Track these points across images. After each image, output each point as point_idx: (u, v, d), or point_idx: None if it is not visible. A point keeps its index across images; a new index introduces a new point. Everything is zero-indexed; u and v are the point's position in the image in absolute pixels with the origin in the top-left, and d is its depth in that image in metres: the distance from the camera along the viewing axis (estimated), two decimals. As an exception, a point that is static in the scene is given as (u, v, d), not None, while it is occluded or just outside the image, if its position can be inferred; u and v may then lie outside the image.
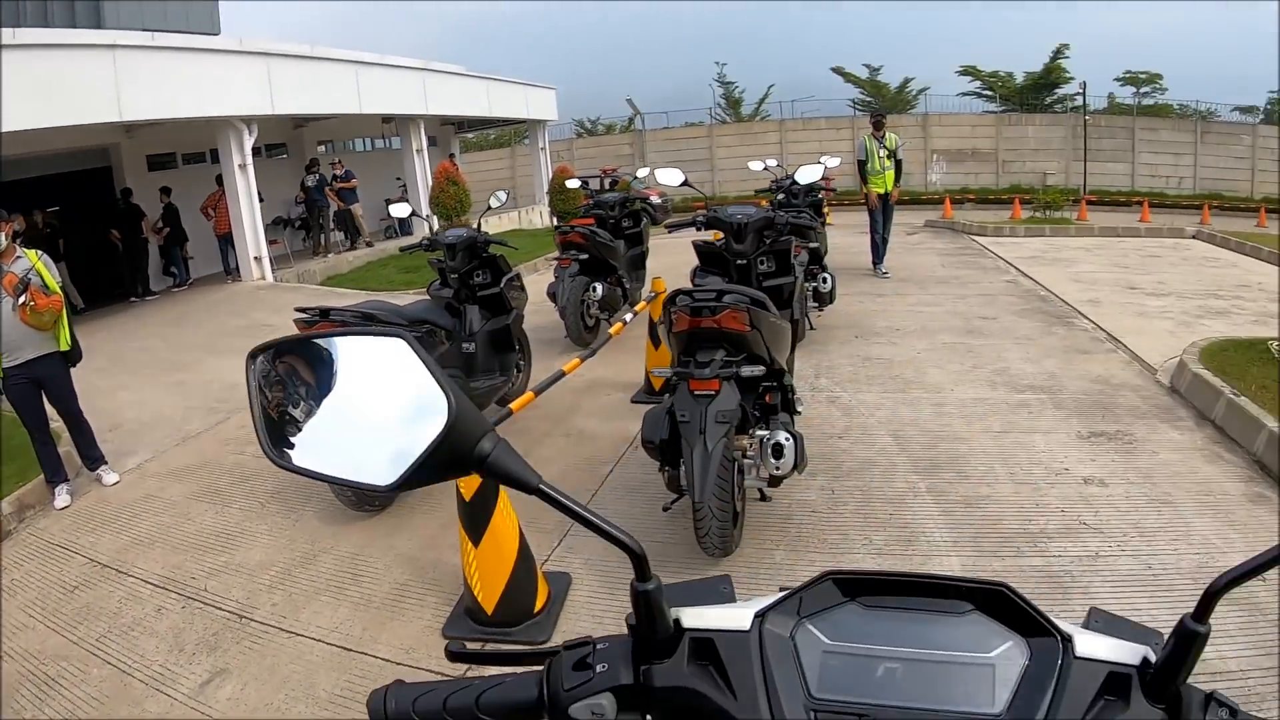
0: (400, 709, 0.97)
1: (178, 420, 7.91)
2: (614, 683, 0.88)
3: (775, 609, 0.90)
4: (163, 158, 17.17)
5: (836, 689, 0.82)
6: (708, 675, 0.86)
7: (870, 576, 0.90)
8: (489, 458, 0.88)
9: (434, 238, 6.65)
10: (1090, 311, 9.58)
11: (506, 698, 0.93)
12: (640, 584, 0.89)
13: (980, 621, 0.86)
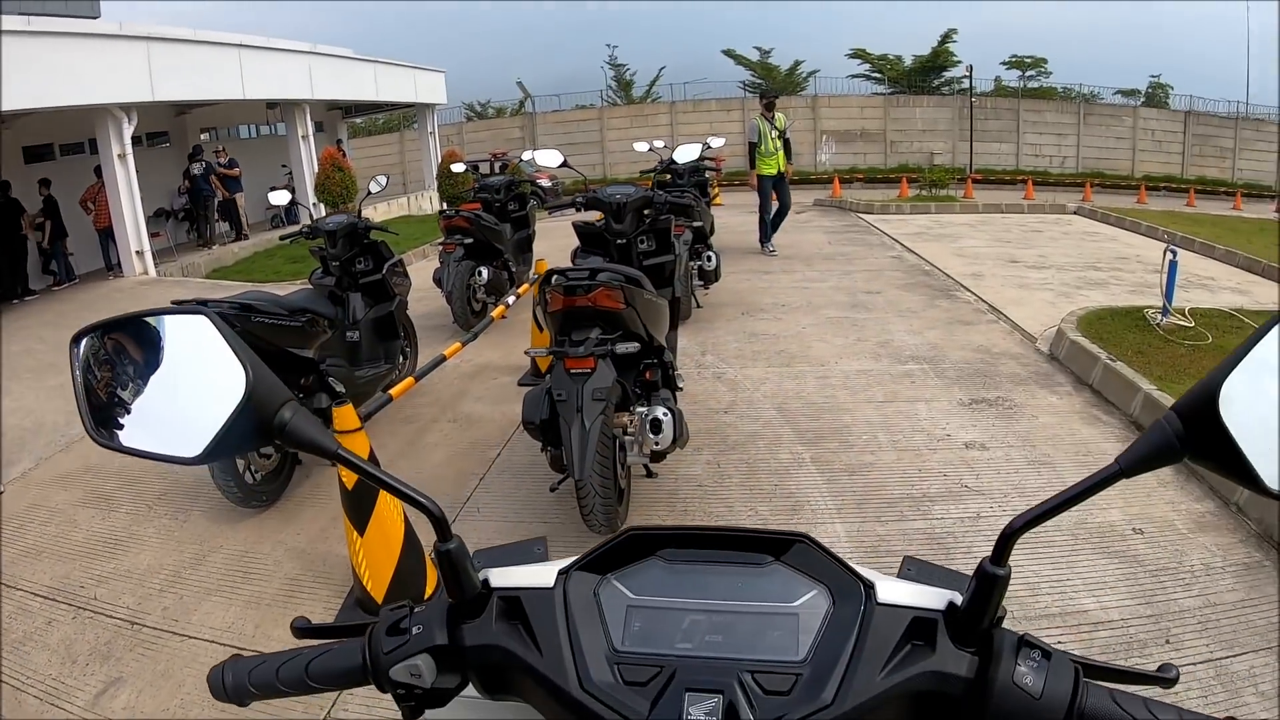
0: (237, 681, 0.98)
1: (61, 425, 7.64)
2: (429, 644, 0.88)
3: (579, 566, 0.91)
4: (40, 149, 16.38)
5: (640, 641, 0.84)
6: (516, 632, 0.88)
7: (671, 531, 0.92)
8: (287, 425, 0.89)
9: (314, 225, 6.55)
10: (973, 284, 9.86)
11: (333, 665, 0.94)
12: (441, 544, 0.90)
13: (782, 572, 0.88)
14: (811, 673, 0.80)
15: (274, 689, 0.97)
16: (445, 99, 26.60)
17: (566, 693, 0.81)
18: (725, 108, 30.47)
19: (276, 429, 0.89)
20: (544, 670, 0.84)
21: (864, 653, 0.80)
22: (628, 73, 35.96)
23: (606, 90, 35.09)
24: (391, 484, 0.92)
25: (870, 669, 0.79)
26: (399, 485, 0.92)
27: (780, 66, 34.39)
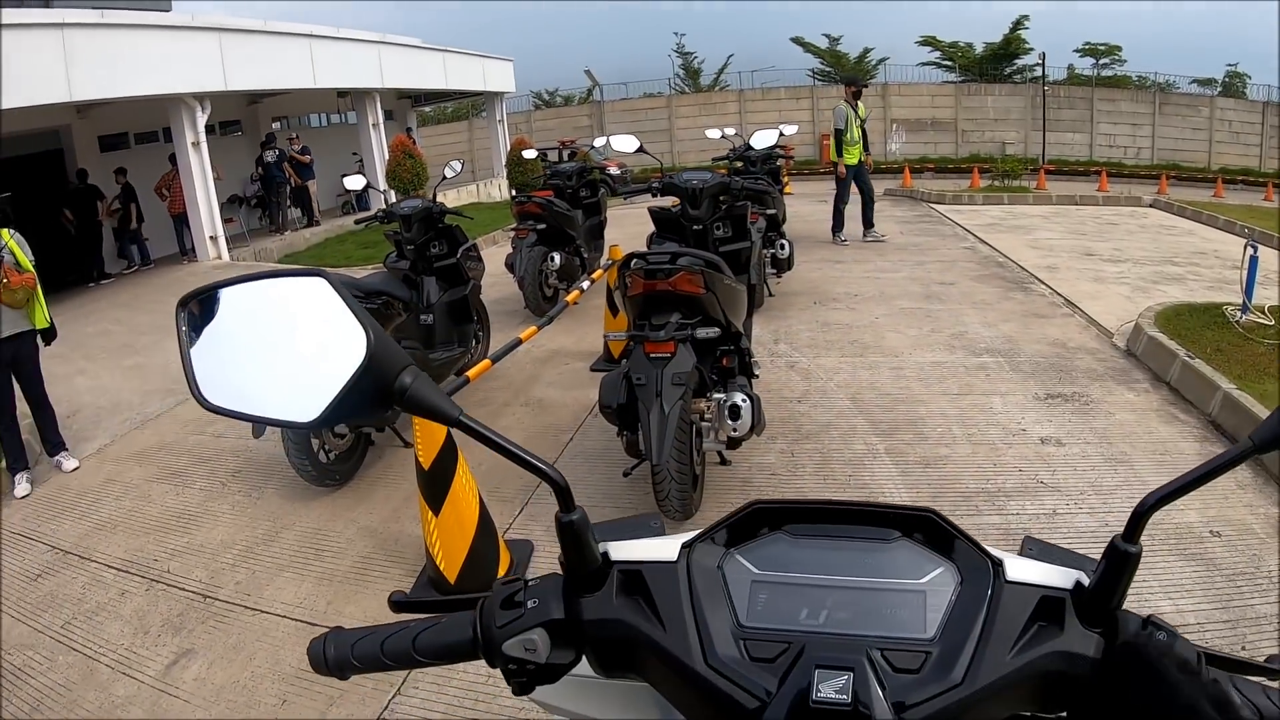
0: (339, 654, 0.97)
1: (136, 404, 7.83)
2: (545, 618, 0.87)
3: (702, 540, 0.89)
4: (115, 138, 16.79)
5: (765, 618, 0.82)
6: (637, 607, 0.86)
7: (797, 505, 0.90)
8: (408, 390, 0.88)
9: (389, 210, 6.59)
10: (1047, 277, 9.66)
11: (441, 638, 0.93)
12: (564, 515, 0.88)
13: (909, 548, 0.86)
14: (941, 651, 0.77)
15: (378, 662, 0.96)
16: (514, 87, 26.76)
17: (691, 668, 0.79)
18: (794, 95, 30.24)
19: (397, 393, 0.88)
20: (667, 645, 0.82)
21: (993, 631, 0.78)
22: (695, 61, 35.87)
23: (674, 78, 35.08)
24: (515, 452, 0.90)
25: (999, 648, 0.77)
26: (522, 454, 0.91)
27: (849, 54, 34.00)
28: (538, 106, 35.09)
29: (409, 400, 0.88)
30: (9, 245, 5.89)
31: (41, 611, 4.54)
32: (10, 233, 5.99)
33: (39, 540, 5.40)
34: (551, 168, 9.93)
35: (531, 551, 4.45)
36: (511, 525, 4.77)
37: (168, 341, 9.71)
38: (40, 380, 6.25)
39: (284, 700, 3.55)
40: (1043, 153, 26.28)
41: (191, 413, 7.38)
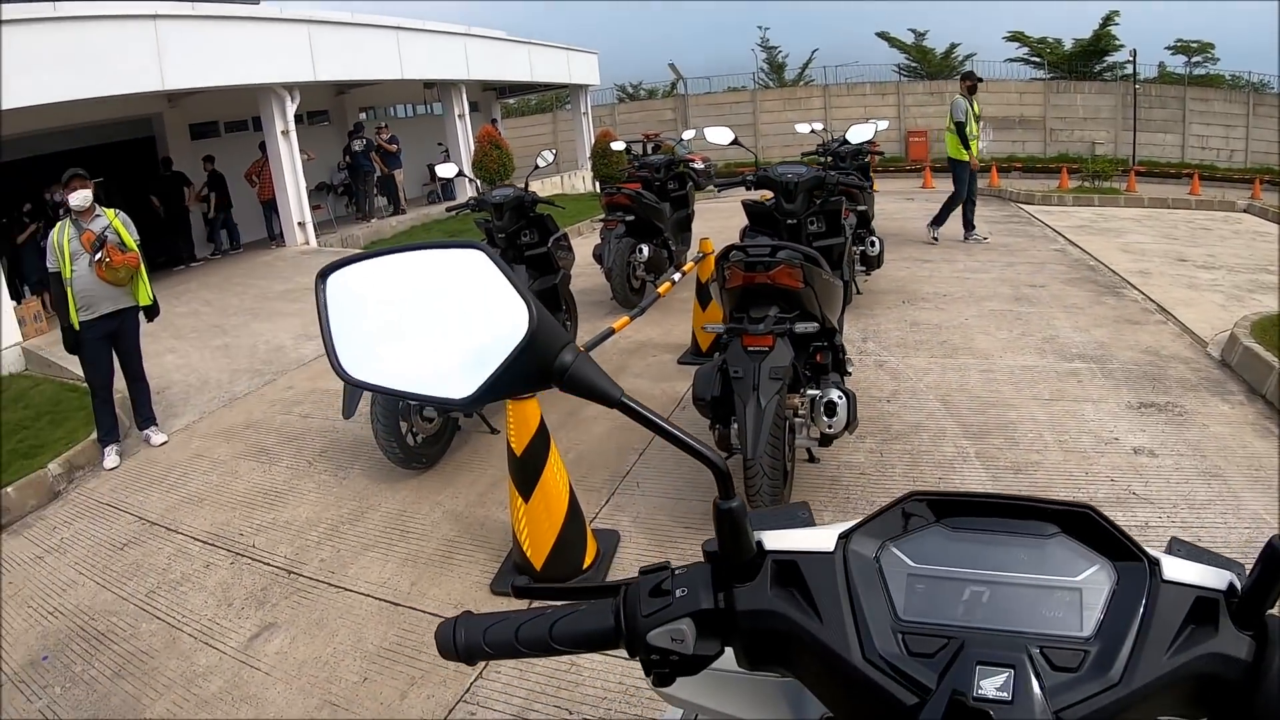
0: (470, 640, 0.96)
1: (224, 382, 8.02)
2: (694, 608, 0.85)
3: (859, 530, 0.87)
4: (205, 126, 17.27)
5: (923, 612, 0.80)
6: (792, 598, 0.84)
7: (955, 497, 0.88)
8: (569, 369, 0.86)
9: (481, 197, 6.63)
10: (1140, 282, 9.41)
11: (581, 626, 0.91)
12: (723, 502, 0.86)
13: (1067, 544, 0.83)
14: (1099, 650, 0.76)
15: (511, 649, 0.95)
16: (598, 80, 26.84)
17: (848, 662, 0.78)
18: (879, 91, 29.89)
19: (557, 372, 0.86)
20: (824, 639, 0.80)
21: (1150, 631, 0.76)
22: (780, 55, 35.67)
23: (758, 73, 34.90)
24: (679, 436, 0.89)
25: (1156, 648, 0.75)
26: (686, 438, 0.89)
27: (936, 49, 33.53)
28: (621, 100, 35.20)
29: (570, 379, 0.86)
30: (114, 225, 6.10)
31: (126, 580, 4.68)
32: (116, 213, 6.21)
33: (126, 511, 5.56)
34: (639, 160, 9.94)
35: (618, 542, 4.47)
36: (598, 514, 4.80)
37: (255, 323, 9.94)
38: (139, 356, 6.47)
39: (365, 678, 3.61)
40: (1133, 153, 25.56)
41: (278, 393, 7.53)
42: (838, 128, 12.93)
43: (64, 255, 5.97)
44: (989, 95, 28.26)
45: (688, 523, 4.58)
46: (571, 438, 5.78)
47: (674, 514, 4.71)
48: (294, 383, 7.81)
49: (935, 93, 29.32)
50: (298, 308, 10.75)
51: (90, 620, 4.31)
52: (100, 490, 5.97)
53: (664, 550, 4.34)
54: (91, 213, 6.13)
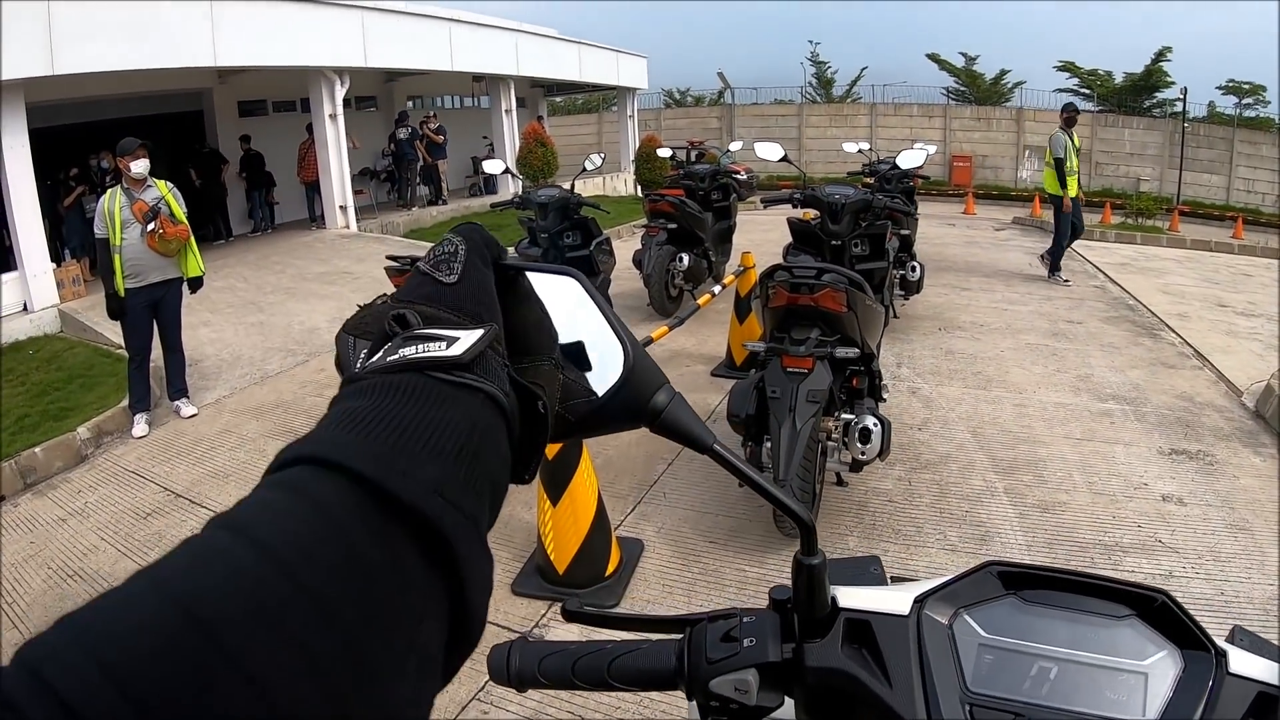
0: (524, 667, 0.96)
1: (257, 360, 8.07)
2: (761, 659, 0.85)
3: (935, 595, 0.87)
4: (253, 104, 17.46)
5: (992, 684, 0.80)
6: (862, 658, 0.84)
7: (1032, 571, 0.88)
8: (664, 412, 0.81)
9: (526, 196, 6.66)
10: (1178, 325, 9.30)
11: (641, 664, 0.90)
12: (806, 558, 0.86)
13: (1136, 628, 0.83)
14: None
15: (566, 681, 0.94)
16: (646, 84, 26.82)
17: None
18: (926, 113, 29.79)
19: (650, 414, 0.80)
20: (891, 703, 0.80)
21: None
22: (829, 70, 35.59)
23: (806, 87, 34.81)
24: (767, 489, 0.87)
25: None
26: (774, 491, 0.87)
27: (985, 74, 33.38)
28: (668, 105, 35.23)
29: (663, 422, 0.81)
30: (166, 198, 6.18)
31: (149, 549, 4.73)
32: (168, 185, 6.29)
33: (152, 480, 5.61)
34: (685, 168, 9.93)
35: (642, 551, 4.47)
36: (623, 522, 4.80)
37: (291, 302, 10.00)
38: (179, 327, 6.56)
39: (383, 670, 3.60)
40: (1178, 192, 25.28)
41: (310, 374, 7.57)
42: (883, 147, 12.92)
43: (114, 223, 6.05)
44: (1037, 125, 28.14)
45: (712, 538, 4.57)
46: (601, 442, 5.77)
47: (699, 527, 4.70)
48: (326, 365, 7.83)
49: (982, 118, 29.23)
50: (334, 290, 10.80)
51: (109, 586, 4.34)
52: (127, 458, 6.03)
53: (687, 563, 4.34)
54: (143, 183, 6.23)
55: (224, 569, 0.37)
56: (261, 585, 0.36)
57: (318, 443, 0.46)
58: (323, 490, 0.42)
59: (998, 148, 28.61)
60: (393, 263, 5.39)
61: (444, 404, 0.49)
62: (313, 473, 0.44)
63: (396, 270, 5.37)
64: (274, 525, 0.39)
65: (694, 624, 0.90)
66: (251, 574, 0.36)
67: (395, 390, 0.49)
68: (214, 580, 0.36)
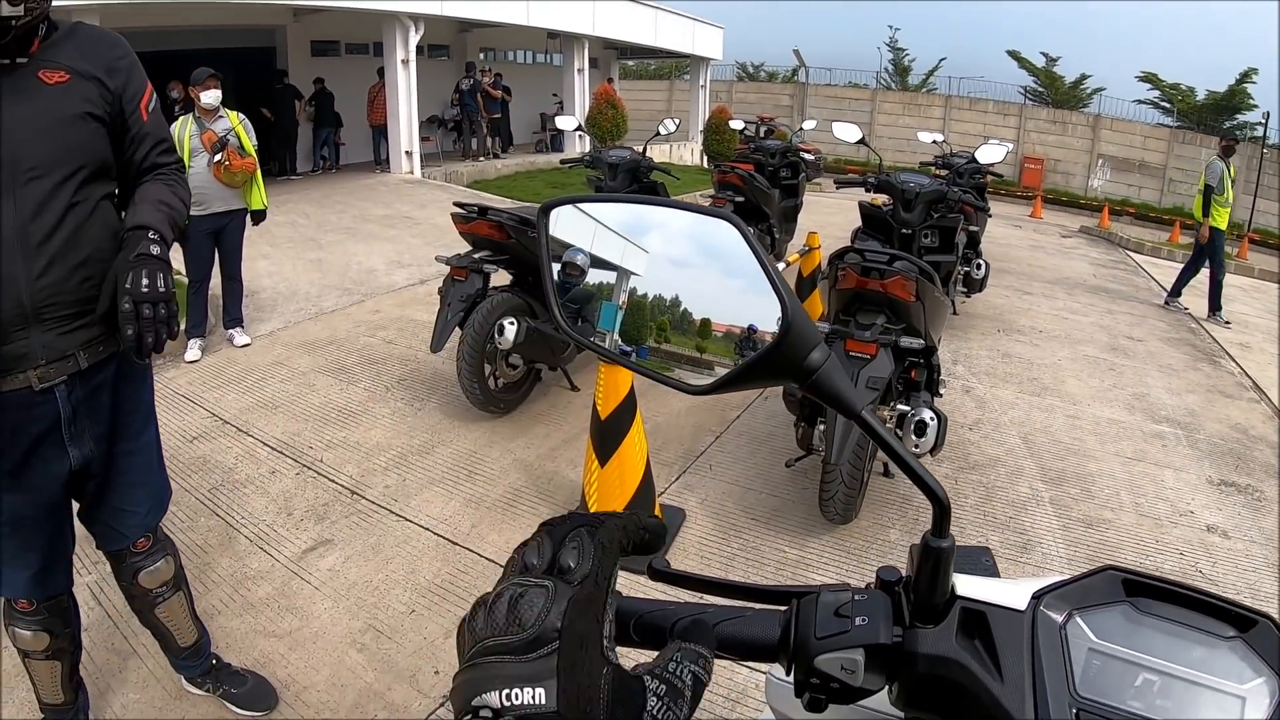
0: (619, 624, 0.91)
1: (313, 296, 8.15)
2: (871, 639, 0.81)
3: (1053, 593, 0.83)
4: (326, 45, 17.58)
5: (1098, 690, 0.77)
6: (975, 650, 0.81)
7: (1149, 580, 0.84)
8: (818, 370, 0.80)
9: (597, 155, 6.63)
10: (1239, 354, 9.12)
11: (746, 632, 0.86)
12: (935, 540, 0.82)
13: (1240, 650, 0.80)
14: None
15: (662, 644, 0.88)
16: (720, 55, 26.69)
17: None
18: (1001, 111, 29.35)
19: (805, 371, 0.80)
20: (1000, 698, 0.77)
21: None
22: (906, 58, 35.22)
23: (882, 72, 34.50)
24: (909, 463, 0.84)
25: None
26: (916, 466, 0.84)
27: (1065, 77, 32.89)
28: (741, 78, 35.12)
29: (817, 381, 0.80)
30: (236, 129, 6.26)
31: (192, 472, 4.77)
32: (239, 117, 6.37)
33: (201, 405, 5.68)
34: (755, 143, 9.86)
35: (683, 520, 4.46)
36: (668, 490, 4.80)
37: (351, 242, 10.08)
38: (239, 257, 6.64)
39: (412, 610, 3.64)
40: (1250, 219, 24.71)
41: (365, 315, 7.62)
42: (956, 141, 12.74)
43: (184, 150, 6.13)
44: (1113, 134, 27.66)
45: (755, 514, 4.55)
46: (650, 409, 5.77)
47: (742, 502, 4.69)
48: (381, 307, 7.91)
49: (1058, 121, 28.77)
50: (394, 234, 10.88)
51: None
52: (179, 381, 6.10)
53: (728, 538, 4.32)
54: (215, 114, 6.30)
55: None
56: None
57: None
58: None
59: (1071, 153, 28.16)
60: (459, 209, 5.39)
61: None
62: None
63: (463, 218, 5.37)
64: None
65: (801, 596, 0.87)
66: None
67: None
68: None
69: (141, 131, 2.29)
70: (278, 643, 3.43)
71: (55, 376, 2.12)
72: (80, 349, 2.17)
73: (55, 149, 2.05)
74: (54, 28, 2.10)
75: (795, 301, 0.79)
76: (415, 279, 8.78)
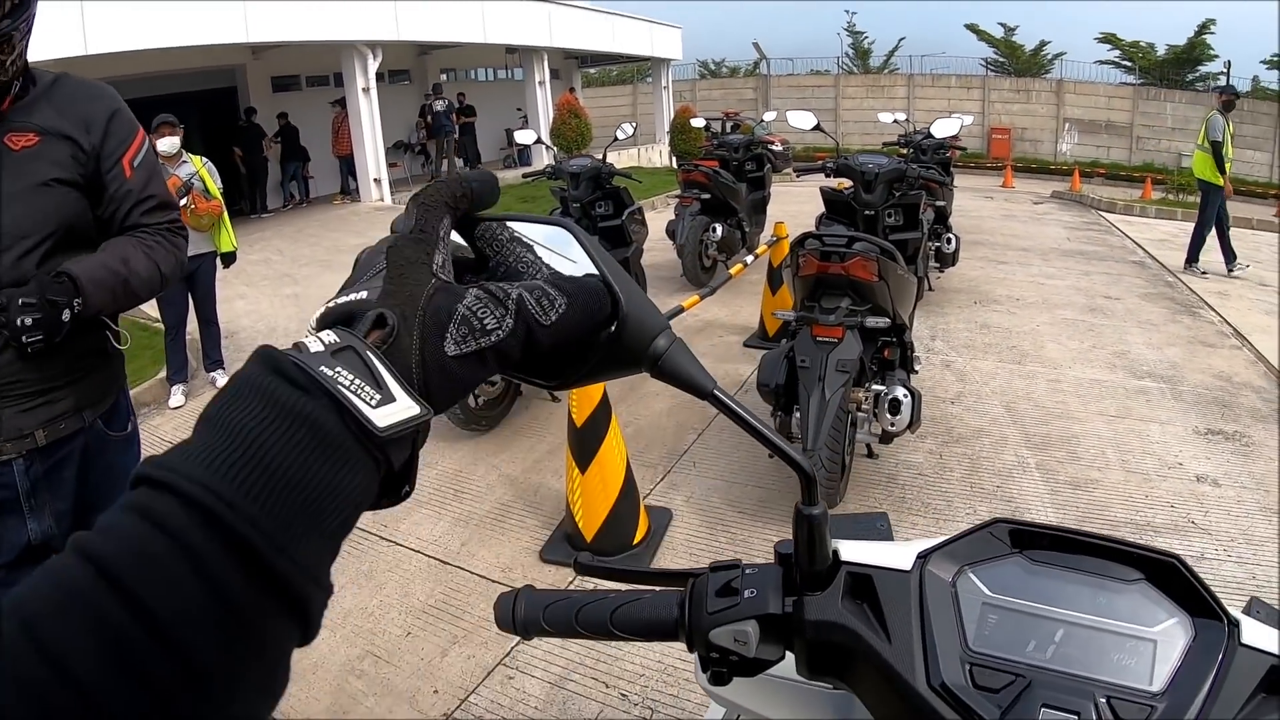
0: (529, 615, 0.95)
1: (292, 331, 8.14)
2: (761, 610, 0.83)
3: (939, 552, 0.84)
4: (287, 80, 17.61)
5: (994, 644, 0.78)
6: (862, 613, 0.82)
7: (1040, 530, 0.85)
8: (663, 356, 0.78)
9: (558, 166, 6.66)
10: (1218, 304, 9.14)
11: (644, 614, 0.89)
12: (806, 508, 0.82)
13: (1147, 593, 0.81)
14: (1166, 706, 0.73)
15: (570, 629, 0.94)
16: (680, 55, 26.72)
17: (912, 687, 0.76)
18: (965, 85, 29.38)
19: (650, 359, 0.78)
20: (890, 659, 0.78)
21: (1219, 695, 0.73)
22: (865, 41, 35.29)
23: (842, 58, 34.53)
24: (768, 436, 0.83)
25: (1224, 712, 0.72)
26: (774, 438, 0.84)
27: (1025, 45, 32.93)
28: (703, 76, 35.18)
29: (662, 366, 0.78)
30: (200, 173, 6.25)
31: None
32: (202, 160, 6.37)
33: (187, 450, 5.65)
34: (719, 138, 9.89)
35: (670, 520, 4.47)
36: (653, 491, 4.81)
37: (326, 274, 10.08)
38: (213, 300, 6.64)
39: (408, 632, 3.65)
40: (1222, 169, 24.77)
41: (345, 346, 7.61)
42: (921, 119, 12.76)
43: None
44: (1077, 98, 27.71)
45: (741, 508, 4.57)
46: (631, 412, 5.80)
47: (728, 497, 4.70)
48: (361, 337, 7.89)
49: (1022, 90, 28.83)
50: (368, 262, 10.87)
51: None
52: (164, 428, 6.11)
53: (715, 533, 4.34)
54: (178, 159, 6.29)
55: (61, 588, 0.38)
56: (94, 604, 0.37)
57: (210, 481, 0.42)
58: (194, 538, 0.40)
59: (1037, 120, 28.21)
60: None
61: (345, 467, 0.47)
62: (187, 516, 0.41)
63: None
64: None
65: (696, 576, 0.89)
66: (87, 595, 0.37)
67: (308, 425, 0.45)
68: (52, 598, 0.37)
69: (122, 189, 2.17)
70: (277, 678, 3.43)
71: (11, 452, 2.04)
72: (40, 426, 2.08)
73: (19, 218, 1.95)
74: (32, 81, 2.02)
75: (633, 293, 0.79)
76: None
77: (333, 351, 0.51)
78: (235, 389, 0.46)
